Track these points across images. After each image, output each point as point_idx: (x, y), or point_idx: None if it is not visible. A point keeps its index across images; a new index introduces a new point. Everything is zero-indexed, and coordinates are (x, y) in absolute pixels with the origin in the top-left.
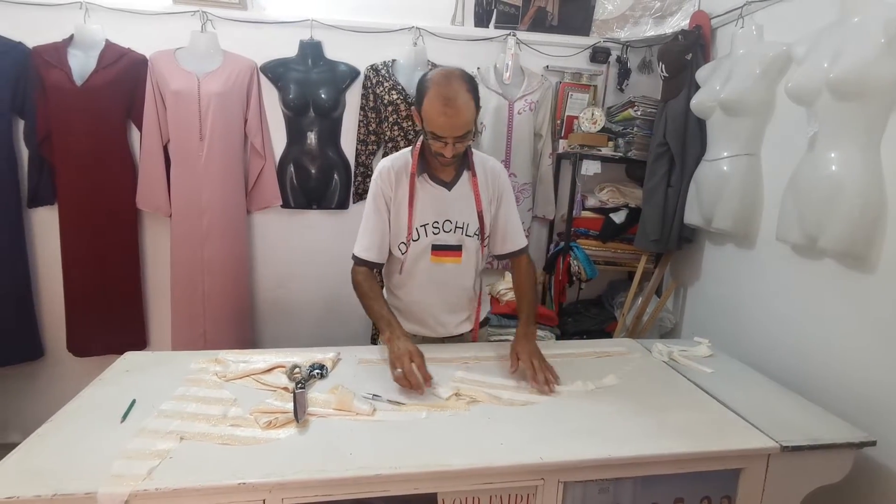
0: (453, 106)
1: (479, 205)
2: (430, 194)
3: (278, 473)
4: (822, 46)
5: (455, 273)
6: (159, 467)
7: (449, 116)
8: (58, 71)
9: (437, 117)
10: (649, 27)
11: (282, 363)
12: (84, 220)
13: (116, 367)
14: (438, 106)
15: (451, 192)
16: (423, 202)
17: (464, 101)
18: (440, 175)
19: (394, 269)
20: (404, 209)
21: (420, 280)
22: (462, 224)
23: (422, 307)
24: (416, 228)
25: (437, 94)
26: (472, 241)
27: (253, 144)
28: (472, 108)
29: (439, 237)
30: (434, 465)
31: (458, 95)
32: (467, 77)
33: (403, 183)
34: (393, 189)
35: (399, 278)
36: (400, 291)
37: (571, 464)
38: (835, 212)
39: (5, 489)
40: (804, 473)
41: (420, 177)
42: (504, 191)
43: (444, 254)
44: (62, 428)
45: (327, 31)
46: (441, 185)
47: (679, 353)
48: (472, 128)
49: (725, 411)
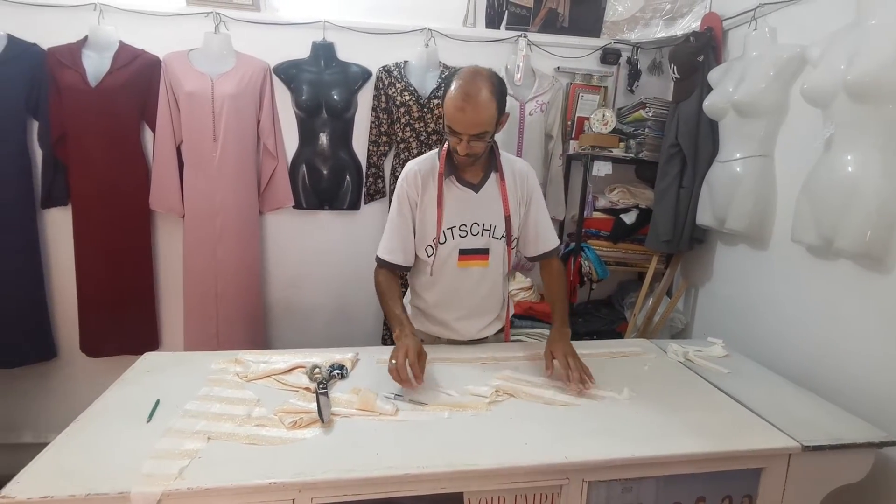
0: (471, 102)
1: (507, 209)
2: (457, 196)
3: (307, 473)
4: (838, 48)
5: (482, 277)
6: (189, 467)
7: (465, 112)
8: (72, 72)
9: (454, 111)
10: (660, 29)
11: (302, 363)
12: (97, 220)
13: (137, 368)
14: (457, 100)
15: (478, 194)
16: (450, 204)
17: (483, 100)
18: (467, 177)
19: (421, 271)
20: (431, 211)
21: (446, 284)
22: (489, 226)
23: (447, 310)
24: (444, 231)
25: (459, 88)
26: (499, 244)
27: (265, 145)
28: (490, 109)
29: (466, 240)
30: (461, 465)
31: (478, 93)
32: (495, 79)
33: (430, 185)
34: (419, 192)
35: (425, 281)
36: (426, 294)
37: (596, 463)
38: (852, 213)
39: (39, 489)
40: (825, 473)
41: (447, 179)
42: (533, 192)
43: (471, 258)
44: (89, 428)
45: (340, 32)
46: (468, 187)
47: (694, 353)
48: (490, 129)
49: (745, 411)
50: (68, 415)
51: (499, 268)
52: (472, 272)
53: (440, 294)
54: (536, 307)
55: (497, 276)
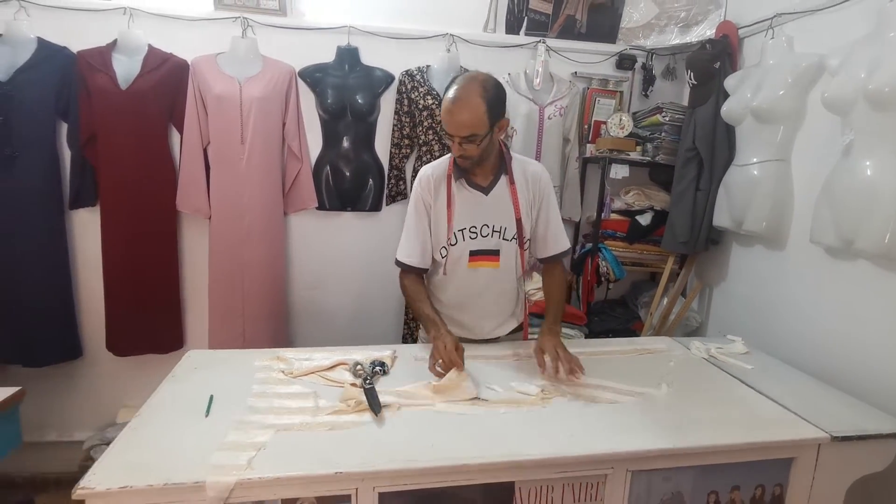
0: (458, 105)
1: (518, 211)
2: (467, 199)
3: (370, 463)
4: (857, 58)
5: (493, 277)
6: (256, 457)
7: (452, 114)
8: (103, 75)
9: (444, 114)
10: (674, 36)
11: (343, 360)
12: (125, 220)
13: (184, 365)
14: (447, 103)
15: (488, 196)
16: (461, 206)
17: (472, 104)
18: (477, 180)
19: (435, 271)
20: (443, 214)
21: (458, 284)
22: (500, 228)
23: (460, 310)
24: (455, 233)
25: (451, 91)
26: (510, 246)
27: (290, 147)
28: (478, 113)
29: (477, 241)
30: (514, 456)
31: (468, 97)
32: (489, 84)
33: (442, 189)
34: (433, 195)
35: (439, 281)
36: (440, 294)
37: (639, 453)
38: (872, 216)
39: (116, 480)
40: (851, 463)
41: (457, 182)
42: (546, 194)
43: (482, 259)
44: (151, 422)
45: (364, 37)
46: (478, 189)
47: (716, 350)
48: (481, 133)
49: (772, 404)
50: (94, 413)
51: (511, 269)
52: (482, 273)
53: (453, 294)
54: None
55: (509, 277)
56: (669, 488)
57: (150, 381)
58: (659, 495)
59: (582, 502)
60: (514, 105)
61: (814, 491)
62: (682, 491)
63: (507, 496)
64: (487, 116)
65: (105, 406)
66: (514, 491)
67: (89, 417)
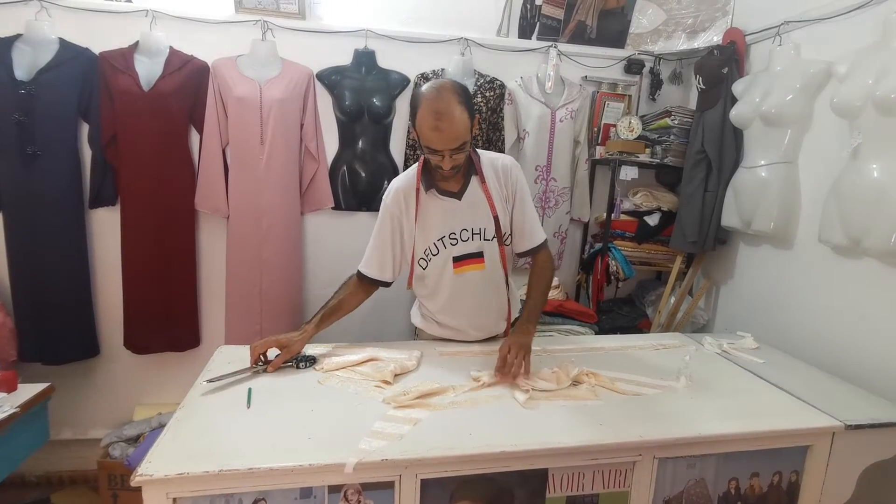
0: (445, 119)
1: (494, 209)
2: (441, 208)
3: (412, 451)
4: (865, 66)
5: (483, 278)
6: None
7: (441, 130)
8: (126, 76)
9: (429, 132)
10: (681, 41)
11: (373, 356)
12: (145, 219)
13: (217, 360)
14: (430, 120)
15: (461, 200)
16: (435, 217)
17: (457, 114)
18: (447, 187)
19: (422, 283)
20: (416, 227)
21: (448, 292)
22: (479, 230)
23: (453, 316)
24: (434, 243)
25: (428, 108)
26: (491, 245)
27: (308, 148)
28: (465, 121)
29: (458, 247)
30: (548, 444)
31: (449, 108)
32: (458, 89)
33: (412, 202)
34: (403, 210)
35: (428, 291)
36: (430, 304)
37: (666, 441)
38: (879, 215)
39: (172, 467)
40: (863, 449)
41: (428, 192)
42: (519, 186)
43: (466, 263)
44: (196, 413)
45: (380, 40)
46: (450, 196)
47: (728, 345)
48: (468, 138)
49: (787, 396)
50: (110, 411)
51: (497, 268)
52: (470, 276)
53: (444, 302)
54: (566, 305)
55: (497, 277)
56: (693, 475)
57: (167, 379)
58: (683, 482)
59: (611, 488)
60: (527, 108)
61: (828, 477)
62: (705, 478)
63: (541, 482)
64: (469, 120)
65: (121, 404)
66: (547, 477)
67: (105, 415)
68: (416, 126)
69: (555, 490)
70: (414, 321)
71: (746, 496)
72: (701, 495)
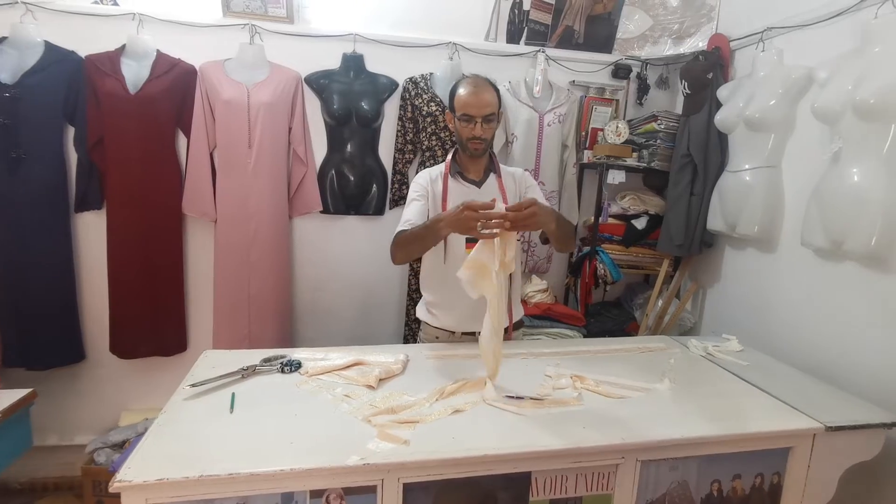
0: (480, 87)
1: (507, 202)
2: (462, 191)
3: (395, 455)
4: (845, 71)
5: None
6: (284, 450)
7: (477, 95)
8: (112, 79)
9: (467, 97)
10: (668, 47)
11: (358, 360)
12: (131, 223)
13: (202, 364)
14: (469, 87)
15: (480, 189)
16: (457, 197)
17: (489, 88)
18: (471, 175)
19: (434, 263)
20: (440, 203)
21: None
22: None
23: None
24: None
25: (467, 82)
26: None
27: (296, 152)
28: (495, 96)
29: None
30: (531, 447)
31: (484, 84)
32: (491, 80)
33: (439, 184)
34: (430, 186)
35: (440, 270)
36: (440, 289)
37: (648, 444)
38: (860, 219)
39: (152, 472)
40: (844, 451)
41: (453, 177)
42: (530, 187)
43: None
44: (178, 418)
45: (369, 45)
46: (472, 183)
47: (713, 348)
48: (497, 112)
49: (769, 398)
50: (96, 417)
51: None
52: None
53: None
54: (554, 308)
55: None
56: (676, 477)
57: (154, 384)
58: (666, 484)
59: (594, 491)
60: (515, 112)
61: (809, 478)
62: (688, 480)
63: (524, 485)
64: (498, 101)
65: (107, 409)
66: (530, 480)
67: (91, 421)
68: (455, 100)
69: (538, 493)
70: (419, 315)
71: (729, 498)
72: (683, 497)
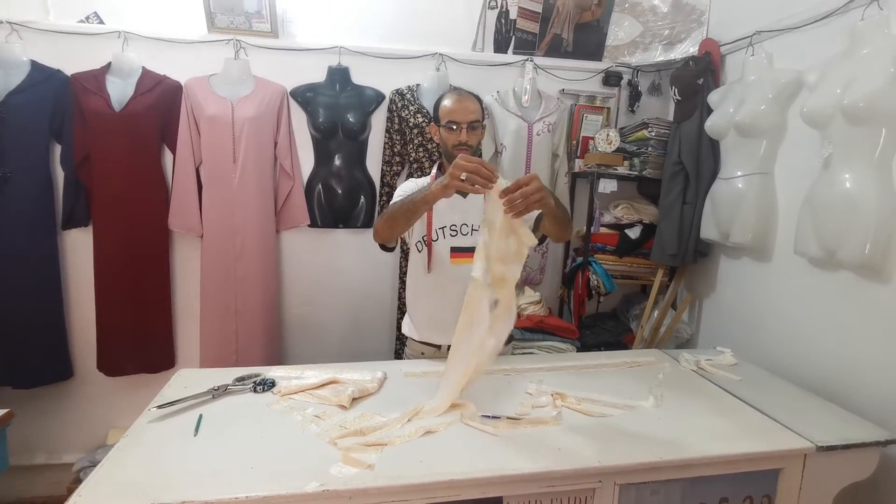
0: (463, 95)
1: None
2: (448, 201)
3: (356, 481)
4: (834, 75)
5: None
6: (235, 479)
7: (461, 102)
8: (97, 97)
9: (452, 105)
10: (658, 53)
11: (334, 378)
12: (117, 240)
13: (174, 385)
14: (454, 96)
15: (465, 199)
16: (441, 206)
17: (472, 98)
18: None
19: (418, 271)
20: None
21: (443, 281)
22: (478, 227)
23: (444, 311)
24: (436, 230)
25: (451, 92)
26: None
27: (282, 166)
28: (478, 105)
29: (457, 239)
30: (501, 471)
31: (468, 94)
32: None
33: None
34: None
35: (423, 281)
36: (424, 298)
37: (627, 467)
38: (852, 227)
39: (102, 501)
40: (837, 471)
41: None
42: None
43: (462, 255)
44: (140, 442)
45: (354, 57)
46: (458, 193)
47: (705, 362)
48: (480, 120)
49: (759, 415)
50: (83, 435)
51: None
52: (465, 269)
53: (437, 295)
54: (547, 321)
55: None
56: (658, 501)
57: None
58: None
59: None
60: (504, 122)
61: (801, 501)
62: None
63: None
64: (481, 111)
65: (95, 427)
66: None
67: (78, 439)
68: (440, 110)
69: None
70: (404, 331)
71: None
72: None
